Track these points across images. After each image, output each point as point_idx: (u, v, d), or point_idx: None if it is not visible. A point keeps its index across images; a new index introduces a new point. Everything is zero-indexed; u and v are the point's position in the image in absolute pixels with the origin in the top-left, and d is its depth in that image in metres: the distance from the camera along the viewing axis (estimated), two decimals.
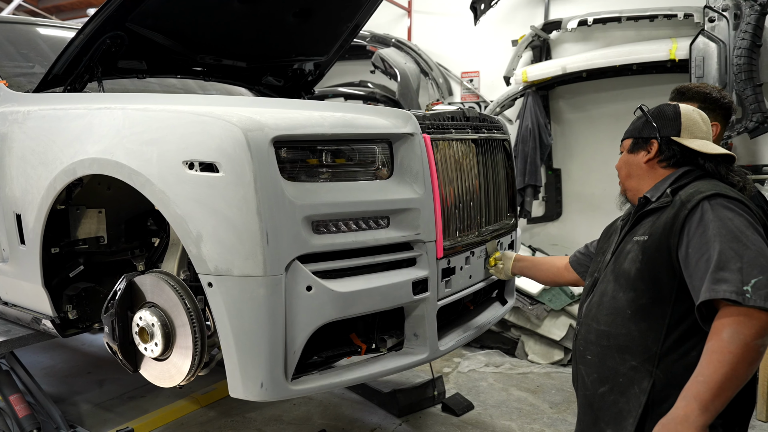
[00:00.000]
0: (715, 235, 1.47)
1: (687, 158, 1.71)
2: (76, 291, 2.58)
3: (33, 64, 3.04)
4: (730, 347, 1.38)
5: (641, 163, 1.77)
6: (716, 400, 1.38)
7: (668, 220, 1.58)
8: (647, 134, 1.76)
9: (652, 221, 1.65)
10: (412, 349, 2.17)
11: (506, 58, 5.55)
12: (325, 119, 1.97)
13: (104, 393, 3.87)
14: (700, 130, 1.73)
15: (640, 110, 1.80)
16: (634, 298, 1.63)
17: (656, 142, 1.73)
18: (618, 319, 1.66)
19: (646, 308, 1.61)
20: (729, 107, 2.20)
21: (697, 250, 1.50)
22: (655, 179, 1.75)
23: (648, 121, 1.76)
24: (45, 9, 9.15)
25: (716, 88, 2.21)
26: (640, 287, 1.62)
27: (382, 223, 2.03)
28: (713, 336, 1.43)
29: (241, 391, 1.88)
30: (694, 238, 1.51)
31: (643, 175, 1.77)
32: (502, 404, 3.78)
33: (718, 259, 1.44)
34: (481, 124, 2.54)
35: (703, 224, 1.51)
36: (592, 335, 1.73)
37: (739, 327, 1.39)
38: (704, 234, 1.50)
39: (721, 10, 4.12)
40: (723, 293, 1.41)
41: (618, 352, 1.65)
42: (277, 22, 3.05)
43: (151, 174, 1.94)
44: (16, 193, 2.49)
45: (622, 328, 1.64)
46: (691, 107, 1.78)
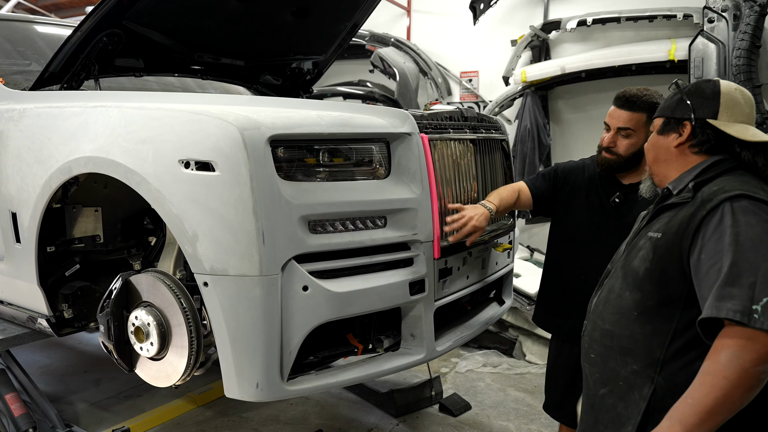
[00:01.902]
0: (731, 243, 1.32)
1: (722, 145, 1.51)
2: (71, 290, 2.57)
3: (30, 61, 3.03)
4: (726, 371, 1.26)
5: (671, 147, 1.58)
6: (702, 425, 1.28)
7: (684, 220, 1.43)
8: (680, 114, 1.55)
9: (668, 217, 1.51)
10: (409, 350, 2.16)
11: (505, 58, 5.54)
12: (322, 118, 1.96)
13: (100, 392, 3.86)
14: (741, 112, 1.52)
15: (675, 86, 1.62)
16: (641, 299, 1.51)
17: (689, 124, 1.53)
18: (623, 319, 1.55)
19: (653, 311, 1.49)
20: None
21: (709, 257, 1.35)
22: (684, 166, 1.56)
23: (682, 100, 1.56)
24: (44, 7, 9.13)
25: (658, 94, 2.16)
26: (647, 288, 1.50)
27: (379, 223, 2.02)
28: (711, 356, 1.31)
29: (236, 392, 1.87)
30: (709, 244, 1.36)
31: (671, 161, 1.59)
32: (500, 404, 3.77)
33: (729, 272, 1.30)
34: (479, 124, 2.53)
35: (720, 229, 1.35)
36: (596, 333, 1.64)
37: (740, 350, 1.26)
38: (720, 240, 1.34)
39: (721, 11, 4.12)
40: (727, 312, 1.27)
41: (620, 354, 1.54)
42: (275, 20, 3.04)
43: (147, 173, 1.93)
44: (11, 192, 2.48)
45: (626, 330, 1.54)
46: (733, 84, 1.56)
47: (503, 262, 2.74)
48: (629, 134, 2.16)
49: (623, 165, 2.21)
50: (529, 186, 2.47)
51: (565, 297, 2.41)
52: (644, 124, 2.14)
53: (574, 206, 2.37)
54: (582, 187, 2.36)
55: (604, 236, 2.24)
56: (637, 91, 2.16)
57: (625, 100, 2.17)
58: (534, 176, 2.52)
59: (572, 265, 2.36)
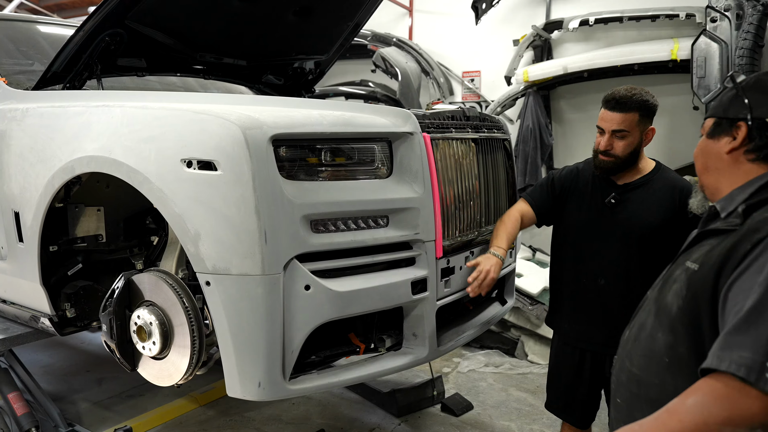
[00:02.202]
0: (763, 282, 1.05)
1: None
2: (74, 289, 2.58)
3: (32, 61, 3.04)
4: (685, 416, 1.06)
5: (722, 153, 1.31)
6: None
7: (724, 252, 1.17)
8: (734, 114, 1.29)
9: (710, 246, 1.24)
10: (411, 349, 2.16)
11: (507, 57, 5.54)
12: (324, 118, 1.96)
13: (103, 391, 3.87)
14: None
15: (730, 80, 1.44)
16: (673, 343, 1.25)
17: (744, 125, 1.26)
18: (652, 364, 1.30)
19: (684, 360, 1.22)
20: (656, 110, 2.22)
21: (738, 293, 1.10)
22: (737, 178, 1.29)
23: (738, 96, 1.29)
24: (47, 7, 9.15)
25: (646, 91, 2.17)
26: (679, 330, 1.24)
27: (381, 223, 2.02)
28: (682, 394, 1.10)
29: (238, 391, 1.88)
30: (743, 278, 1.10)
31: (722, 170, 1.32)
32: (502, 404, 3.77)
33: (747, 314, 1.04)
34: (481, 124, 2.53)
35: (760, 262, 1.09)
36: (623, 376, 1.40)
37: (713, 401, 1.04)
38: (756, 275, 1.08)
39: (723, 10, 4.11)
40: (729, 365, 1.03)
41: (648, 405, 1.25)
42: (277, 20, 3.04)
43: (149, 172, 1.93)
44: (14, 191, 2.48)
45: (656, 378, 1.28)
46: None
47: (505, 262, 2.73)
48: (624, 135, 2.17)
49: (621, 166, 2.22)
50: (529, 202, 2.47)
51: (566, 300, 2.41)
52: (637, 123, 2.16)
53: (571, 210, 2.38)
54: (578, 191, 2.37)
55: (601, 238, 2.26)
56: (626, 91, 2.16)
57: (615, 102, 2.16)
58: (531, 190, 2.52)
59: (572, 268, 2.37)
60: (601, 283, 2.26)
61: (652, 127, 2.20)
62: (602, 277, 2.26)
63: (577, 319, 2.36)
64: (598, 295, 2.27)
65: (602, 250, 2.26)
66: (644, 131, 2.18)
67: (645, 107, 2.15)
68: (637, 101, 2.14)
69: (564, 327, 2.44)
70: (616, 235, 2.23)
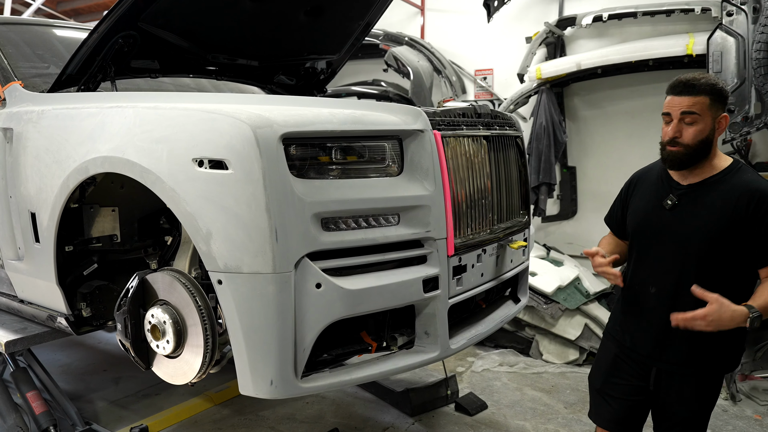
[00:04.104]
0: None
1: None
2: (90, 289, 2.61)
3: (48, 64, 3.07)
4: None
5: None
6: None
7: None
8: None
9: None
10: (423, 348, 2.15)
11: (520, 55, 5.50)
12: (334, 116, 1.96)
13: (120, 391, 3.91)
14: None
15: None
16: None
17: None
18: None
19: None
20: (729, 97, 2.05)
21: None
22: None
23: None
24: (63, 12, 9.28)
25: (717, 79, 2.02)
26: None
27: (392, 221, 2.02)
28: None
29: (251, 389, 1.88)
30: None
31: None
32: (516, 404, 3.74)
33: None
34: (492, 121, 2.51)
35: None
36: None
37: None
38: None
39: (740, 4, 4.04)
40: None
41: None
42: (288, 20, 3.05)
43: (162, 172, 1.95)
44: (30, 192, 2.52)
45: None
46: None
47: (518, 260, 2.72)
48: (695, 120, 1.95)
49: (693, 157, 1.98)
50: (611, 227, 2.38)
51: (628, 308, 2.23)
52: (708, 107, 1.94)
53: (632, 212, 2.22)
54: (645, 190, 2.18)
55: (658, 243, 2.08)
56: (694, 75, 1.98)
57: (683, 86, 1.97)
58: (610, 208, 2.39)
59: (634, 274, 2.20)
60: (652, 291, 2.09)
61: (725, 115, 1.99)
62: (654, 285, 2.09)
63: (627, 326, 2.21)
64: (648, 303, 2.11)
65: (658, 256, 2.09)
66: (717, 118, 1.97)
67: (716, 91, 1.95)
68: (707, 84, 1.95)
69: (622, 334, 2.24)
70: (673, 241, 2.04)
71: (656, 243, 2.10)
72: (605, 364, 2.29)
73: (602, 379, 2.30)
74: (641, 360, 2.16)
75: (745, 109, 4.03)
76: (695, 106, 1.95)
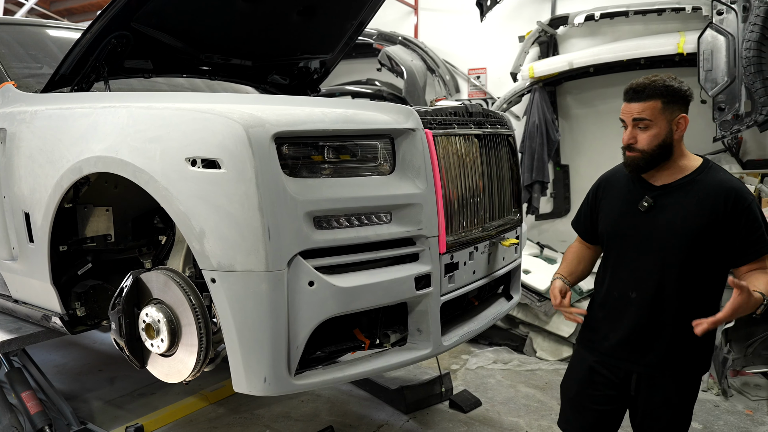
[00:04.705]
0: None
1: None
2: (84, 288, 2.62)
3: (41, 65, 3.08)
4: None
5: None
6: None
7: None
8: None
9: None
10: (416, 345, 2.17)
11: (513, 54, 5.53)
12: (326, 115, 1.98)
13: (115, 390, 3.91)
14: None
15: None
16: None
17: None
18: None
19: None
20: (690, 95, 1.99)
21: None
22: None
23: None
24: (56, 12, 9.26)
25: (671, 77, 1.97)
26: None
27: (384, 219, 2.03)
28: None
29: (244, 386, 1.90)
30: None
31: None
32: (510, 401, 3.77)
33: None
34: (484, 120, 2.53)
35: None
36: None
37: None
38: None
39: (730, 3, 4.08)
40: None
41: None
42: (281, 20, 3.06)
43: (155, 171, 1.96)
44: (24, 192, 2.53)
45: None
46: None
47: (510, 257, 2.74)
48: (647, 125, 1.94)
49: (650, 161, 1.98)
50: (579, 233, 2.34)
51: (606, 314, 2.15)
52: (661, 111, 1.93)
53: (604, 216, 2.18)
54: (616, 193, 2.15)
55: (635, 247, 2.05)
56: (645, 79, 1.97)
57: (633, 92, 1.97)
58: (577, 212, 2.35)
59: (606, 279, 2.17)
60: (632, 296, 2.05)
61: (683, 115, 1.95)
62: (634, 289, 2.05)
63: (605, 333, 2.14)
64: (628, 308, 2.06)
65: (636, 260, 2.05)
66: (672, 120, 1.93)
67: (668, 93, 1.92)
68: (658, 87, 1.92)
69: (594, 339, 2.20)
70: (650, 245, 2.00)
71: (634, 246, 2.06)
72: (579, 374, 2.24)
73: (576, 389, 2.24)
74: (619, 365, 2.11)
75: (736, 107, 4.07)
76: (645, 112, 1.94)
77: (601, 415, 2.19)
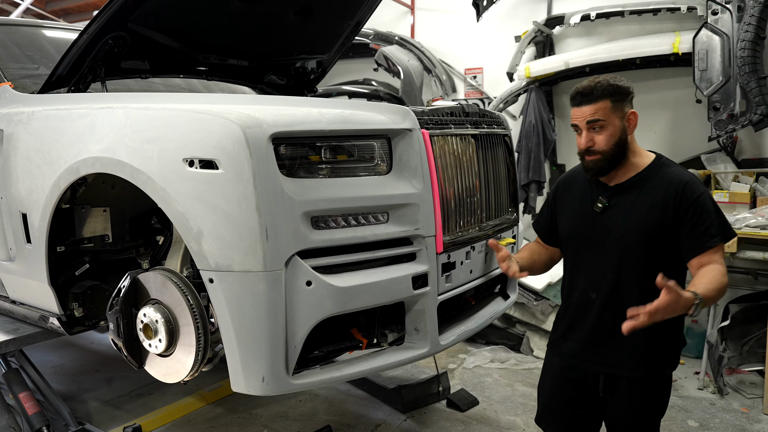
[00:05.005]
0: None
1: None
2: (81, 289, 2.62)
3: (38, 65, 3.08)
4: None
5: None
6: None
7: None
8: None
9: None
10: (413, 344, 2.18)
11: (509, 54, 5.54)
12: (323, 115, 1.99)
13: (112, 390, 3.92)
14: None
15: None
16: None
17: None
18: None
19: None
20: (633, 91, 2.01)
21: None
22: None
23: None
24: (52, 12, 9.23)
25: (613, 76, 1.99)
26: None
27: (382, 219, 2.04)
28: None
29: (243, 386, 1.91)
30: None
31: None
32: (507, 399, 3.78)
33: None
34: (481, 120, 2.54)
35: None
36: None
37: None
38: None
39: (725, 3, 4.10)
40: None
41: None
42: (278, 20, 3.07)
43: (153, 172, 1.96)
44: (21, 193, 2.53)
45: None
46: None
47: None
48: (602, 125, 1.95)
49: (611, 161, 1.98)
50: (539, 234, 2.34)
51: (571, 316, 2.16)
52: (611, 110, 1.94)
53: (563, 219, 2.19)
54: (574, 195, 2.16)
55: (592, 248, 2.05)
56: (589, 82, 1.99)
57: (581, 96, 1.98)
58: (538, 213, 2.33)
59: (568, 282, 2.19)
60: (592, 296, 2.05)
61: (632, 111, 1.98)
62: (594, 290, 2.05)
63: (571, 335, 2.14)
64: (590, 309, 2.06)
65: (595, 260, 2.05)
66: (624, 117, 1.96)
67: (614, 91, 1.94)
68: (605, 87, 1.94)
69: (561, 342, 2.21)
70: (607, 245, 2.01)
71: (592, 247, 2.06)
72: (551, 378, 2.25)
73: (549, 394, 2.26)
74: (587, 368, 2.10)
75: (731, 107, 4.09)
76: (598, 113, 1.95)
77: (578, 418, 2.19)
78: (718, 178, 4.47)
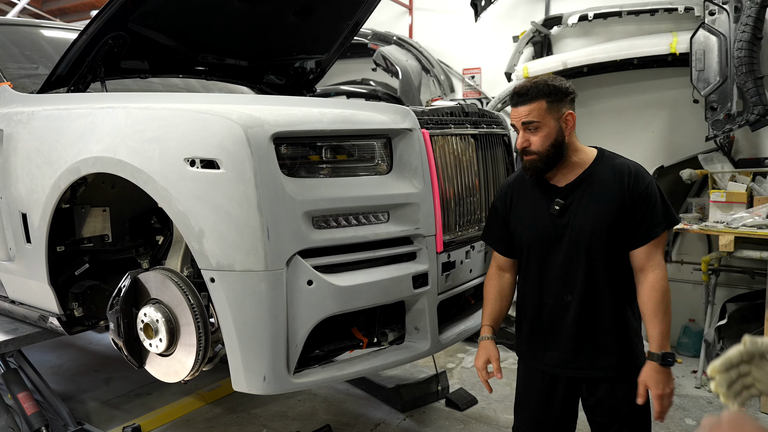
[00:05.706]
0: None
1: None
2: (81, 289, 2.62)
3: (37, 65, 3.08)
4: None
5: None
6: None
7: None
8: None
9: None
10: (413, 343, 2.19)
11: (507, 54, 5.55)
12: (324, 115, 2.00)
13: (111, 391, 3.91)
14: None
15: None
16: None
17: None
18: None
19: None
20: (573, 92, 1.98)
21: None
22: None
23: None
24: (49, 11, 9.20)
25: (552, 77, 1.98)
26: None
27: (382, 218, 2.05)
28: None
29: (244, 385, 1.91)
30: None
31: None
32: (506, 398, 3.79)
33: None
34: (480, 120, 2.55)
35: None
36: None
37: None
38: None
39: (722, 3, 4.11)
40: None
41: None
42: (277, 20, 3.07)
43: (154, 171, 1.97)
44: (21, 193, 2.53)
45: None
46: None
47: None
48: (537, 126, 1.93)
49: (548, 162, 1.96)
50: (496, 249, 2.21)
51: (543, 326, 2.08)
52: (546, 111, 1.92)
53: (523, 226, 2.09)
54: (525, 201, 2.10)
55: (557, 250, 2.01)
56: (527, 82, 1.98)
57: (517, 96, 1.97)
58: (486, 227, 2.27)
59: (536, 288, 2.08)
60: (568, 299, 2.00)
61: (569, 112, 1.95)
62: (569, 292, 2.00)
63: (547, 345, 2.07)
64: (568, 313, 2.00)
65: (563, 263, 2.00)
66: (560, 118, 1.93)
67: (550, 92, 1.92)
68: (540, 88, 1.92)
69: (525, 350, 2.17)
70: (572, 245, 1.98)
71: (556, 251, 2.01)
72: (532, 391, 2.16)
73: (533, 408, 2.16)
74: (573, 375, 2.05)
75: (728, 107, 4.10)
76: (532, 114, 1.93)
77: (559, 422, 2.13)
78: (715, 178, 4.49)
